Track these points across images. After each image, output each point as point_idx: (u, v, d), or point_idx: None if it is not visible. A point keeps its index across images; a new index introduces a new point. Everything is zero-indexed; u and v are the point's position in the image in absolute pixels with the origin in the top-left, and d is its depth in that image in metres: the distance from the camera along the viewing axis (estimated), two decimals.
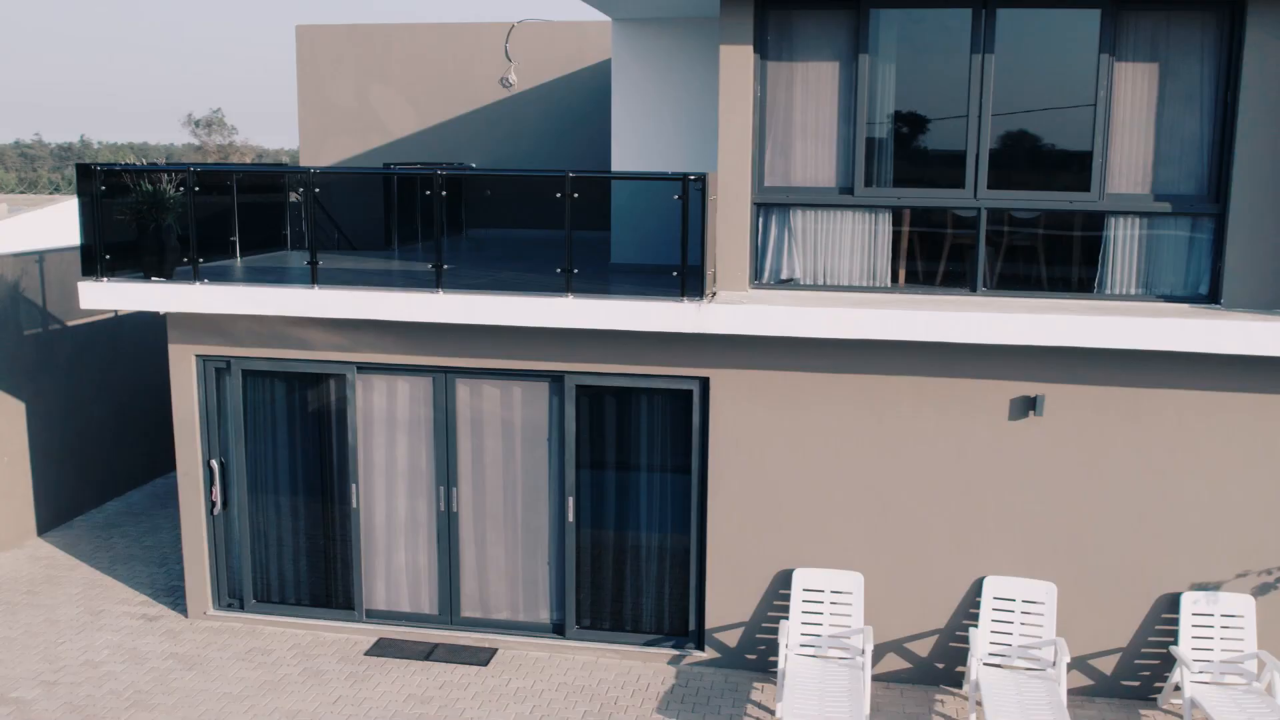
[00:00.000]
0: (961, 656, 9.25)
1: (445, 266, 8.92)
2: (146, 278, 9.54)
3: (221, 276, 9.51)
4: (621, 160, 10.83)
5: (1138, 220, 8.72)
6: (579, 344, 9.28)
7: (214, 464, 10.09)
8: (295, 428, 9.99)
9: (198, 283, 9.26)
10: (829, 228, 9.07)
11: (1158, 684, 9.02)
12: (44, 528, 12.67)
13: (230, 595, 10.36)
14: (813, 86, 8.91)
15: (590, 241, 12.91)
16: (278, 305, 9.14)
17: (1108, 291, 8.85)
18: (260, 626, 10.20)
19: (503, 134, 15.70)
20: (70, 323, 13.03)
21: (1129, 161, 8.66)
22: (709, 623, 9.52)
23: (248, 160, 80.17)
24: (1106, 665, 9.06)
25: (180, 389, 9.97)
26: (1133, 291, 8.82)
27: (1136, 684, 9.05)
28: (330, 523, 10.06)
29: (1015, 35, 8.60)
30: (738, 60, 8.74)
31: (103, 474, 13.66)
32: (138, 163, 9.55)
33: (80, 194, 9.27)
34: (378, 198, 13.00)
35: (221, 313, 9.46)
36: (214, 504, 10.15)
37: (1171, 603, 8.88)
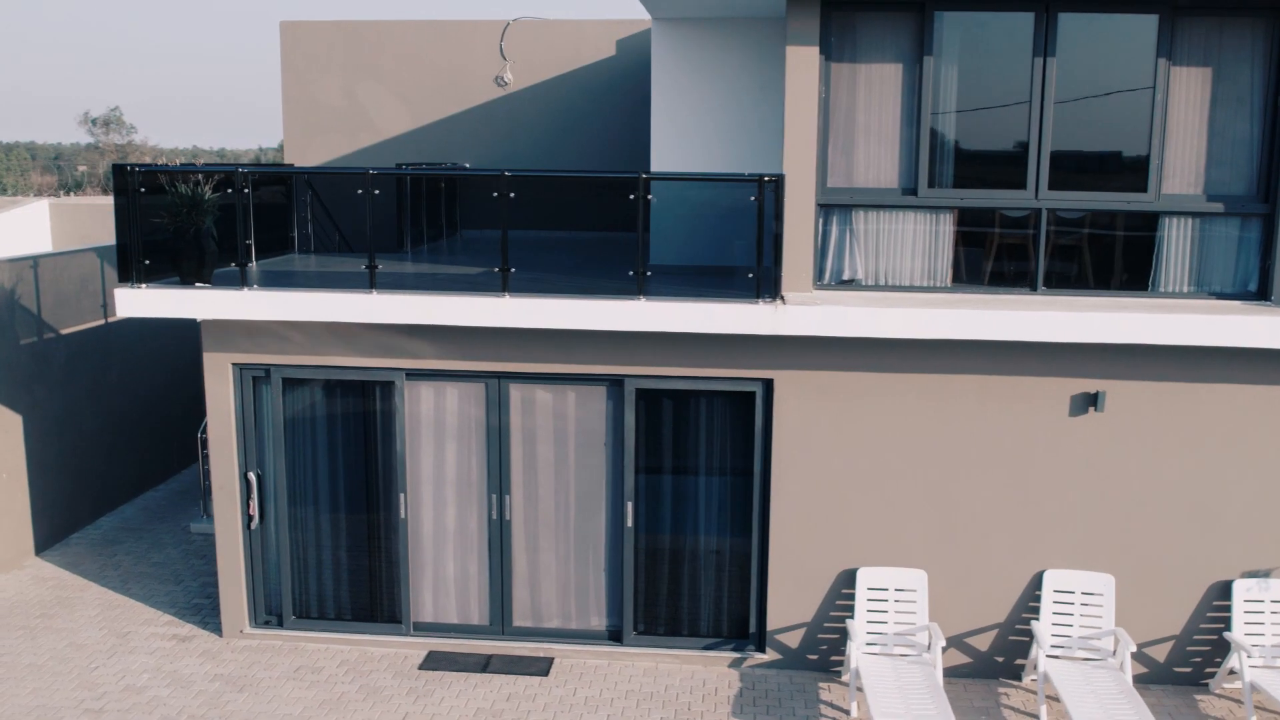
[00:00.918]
0: (1021, 650, 9.40)
1: (512, 270, 8.72)
2: (184, 283, 9.14)
3: (258, 282, 9.15)
4: (662, 160, 10.74)
5: (1190, 220, 8.96)
6: (639, 347, 9.17)
7: (251, 476, 9.72)
8: (339, 437, 9.67)
9: (246, 288, 8.90)
10: (891, 228, 9.12)
11: (1209, 669, 9.29)
12: (41, 547, 12.06)
13: (267, 612, 9.99)
14: (875, 87, 8.95)
15: (616, 242, 12.80)
16: (334, 311, 8.84)
17: (1161, 289, 9.08)
18: (302, 644, 9.86)
19: (498, 134, 15.45)
20: (64, 330, 12.42)
21: (1182, 163, 8.90)
22: (770, 624, 9.50)
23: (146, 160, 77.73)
24: (1160, 653, 9.30)
25: (216, 399, 9.57)
26: (1185, 290, 9.07)
27: (1189, 670, 9.31)
28: (376, 534, 9.78)
29: (1074, 39, 8.76)
30: (804, 62, 8.73)
31: (97, 488, 13.06)
32: (168, 164, 9.13)
33: (116, 196, 8.83)
34: (388, 198, 12.68)
35: (271, 319, 9.10)
36: (251, 518, 9.77)
37: (1223, 590, 9.15)
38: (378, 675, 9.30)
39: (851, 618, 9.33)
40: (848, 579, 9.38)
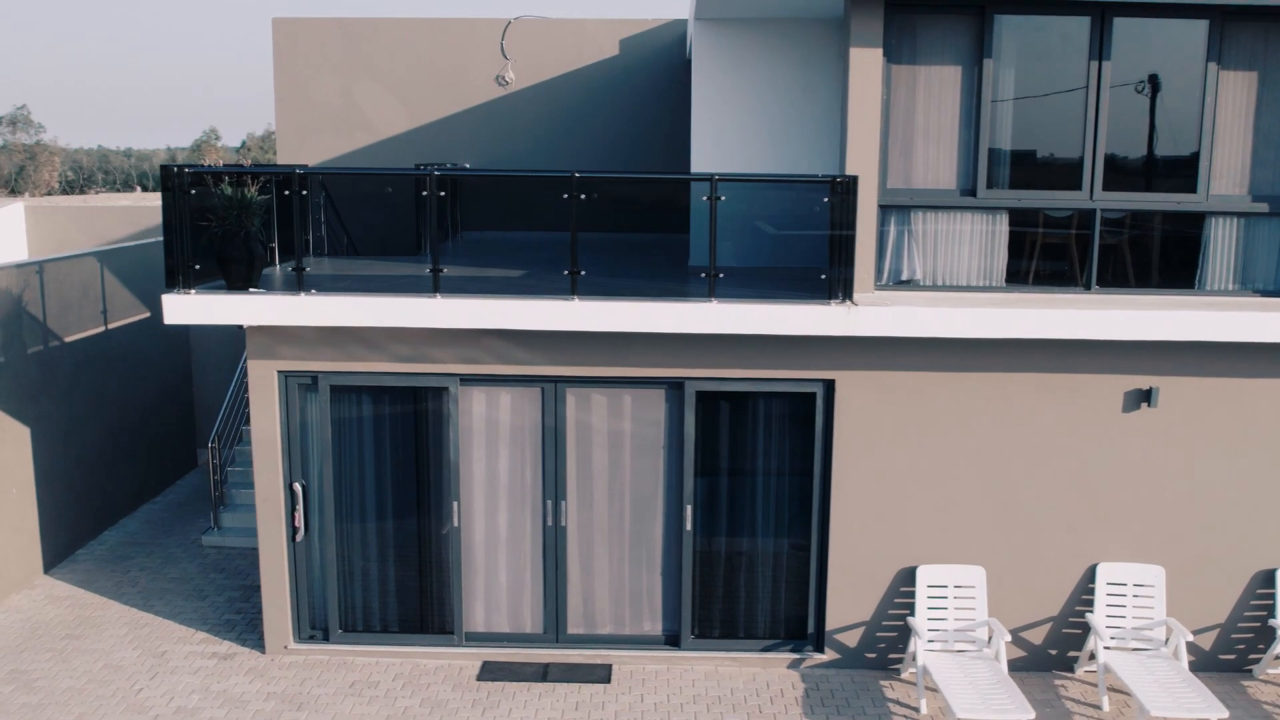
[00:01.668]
0: (1073, 642, 9.56)
1: (581, 272, 8.60)
2: (230, 288, 8.82)
3: (303, 287, 8.87)
4: (702, 160, 10.69)
5: (1235, 220, 9.21)
6: (699, 349, 9.11)
7: (297, 487, 9.43)
8: (389, 444, 9.44)
9: (303, 293, 8.63)
10: (949, 229, 9.21)
11: (1253, 656, 9.56)
12: (50, 564, 11.55)
13: (312, 626, 9.71)
14: (934, 89, 9.02)
15: (641, 244, 12.70)
16: (396, 315, 8.61)
17: (1207, 287, 9.31)
18: (351, 658, 9.60)
19: (498, 134, 15.22)
20: (68, 338, 11.91)
21: (1228, 165, 9.14)
22: (829, 624, 9.52)
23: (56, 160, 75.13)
24: (1205, 641, 9.54)
25: (261, 407, 9.26)
26: (1230, 287, 9.32)
27: (1232, 657, 9.57)
28: (427, 543, 9.56)
29: (1127, 43, 8.93)
30: (867, 64, 8.77)
31: (99, 502, 12.57)
32: (212, 164, 8.80)
33: (164, 198, 8.49)
34: (403, 199, 12.42)
35: (328, 325, 8.83)
36: (296, 529, 9.48)
37: (1267, 579, 9.42)
38: (436, 688, 9.10)
39: (911, 615, 9.40)
40: (906, 577, 9.44)
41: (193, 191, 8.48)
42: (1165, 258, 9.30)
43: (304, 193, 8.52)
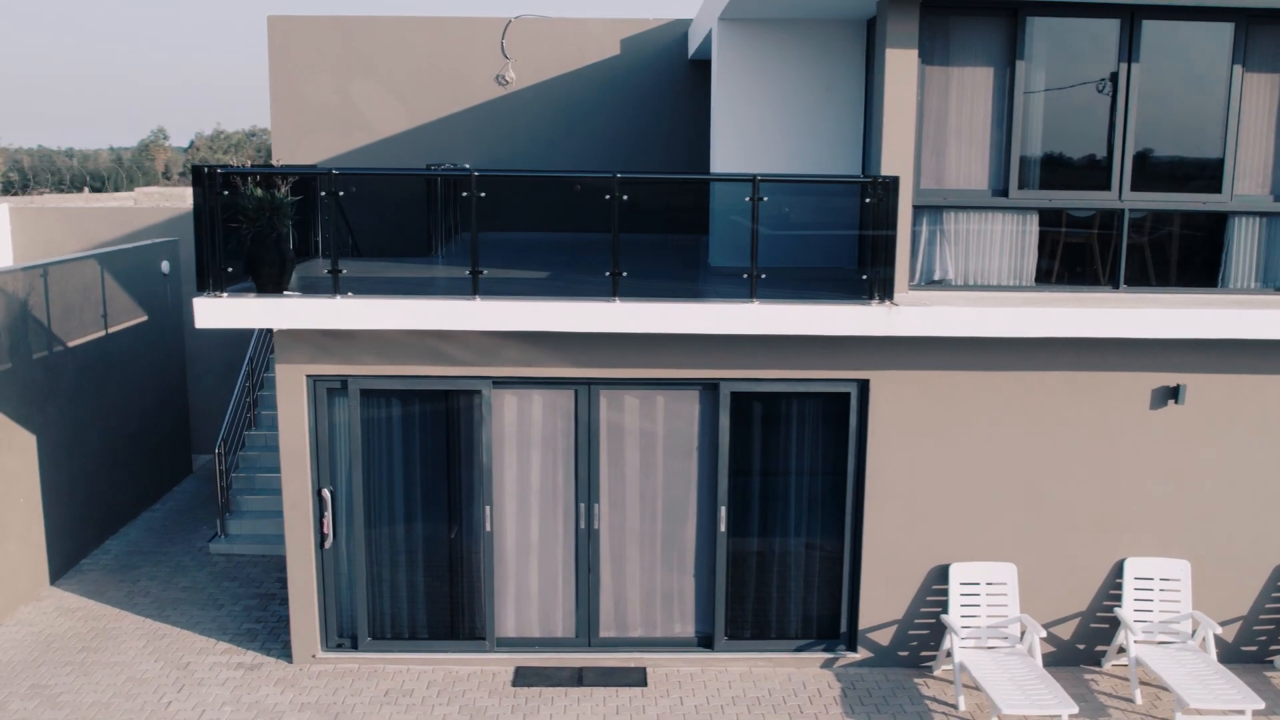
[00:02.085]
0: (1101, 637, 9.68)
1: (623, 274, 8.54)
2: (260, 291, 8.65)
3: (320, 289, 8.71)
4: (725, 161, 10.67)
5: (1258, 220, 9.38)
6: (734, 350, 9.10)
7: (325, 493, 9.27)
8: (420, 449, 9.31)
9: (339, 296, 8.48)
10: (981, 229, 9.27)
11: (1274, 647, 9.74)
12: (55, 575, 11.26)
13: (339, 635, 9.55)
14: (967, 90, 9.08)
15: (650, 245, 12.66)
16: (436, 318, 8.50)
17: (1230, 286, 9.47)
18: (381, 666, 9.46)
19: (499, 133, 15.11)
20: (72, 343, 11.62)
21: (1251, 165, 9.30)
22: (862, 623, 9.55)
23: None
24: (1228, 633, 9.70)
25: (289, 412, 9.10)
26: (1251, 285, 9.48)
27: (1254, 648, 9.74)
28: (458, 549, 9.45)
29: (1155, 45, 9.05)
30: (902, 65, 8.80)
31: (102, 510, 12.28)
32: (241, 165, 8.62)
33: (195, 199, 8.30)
34: (413, 200, 12.27)
35: (366, 328, 8.68)
36: (325, 537, 9.33)
37: None
38: (473, 695, 9.00)
39: (944, 613, 9.46)
40: (938, 575, 9.50)
41: (225, 192, 8.31)
42: (1189, 257, 9.44)
43: (341, 194, 8.37)
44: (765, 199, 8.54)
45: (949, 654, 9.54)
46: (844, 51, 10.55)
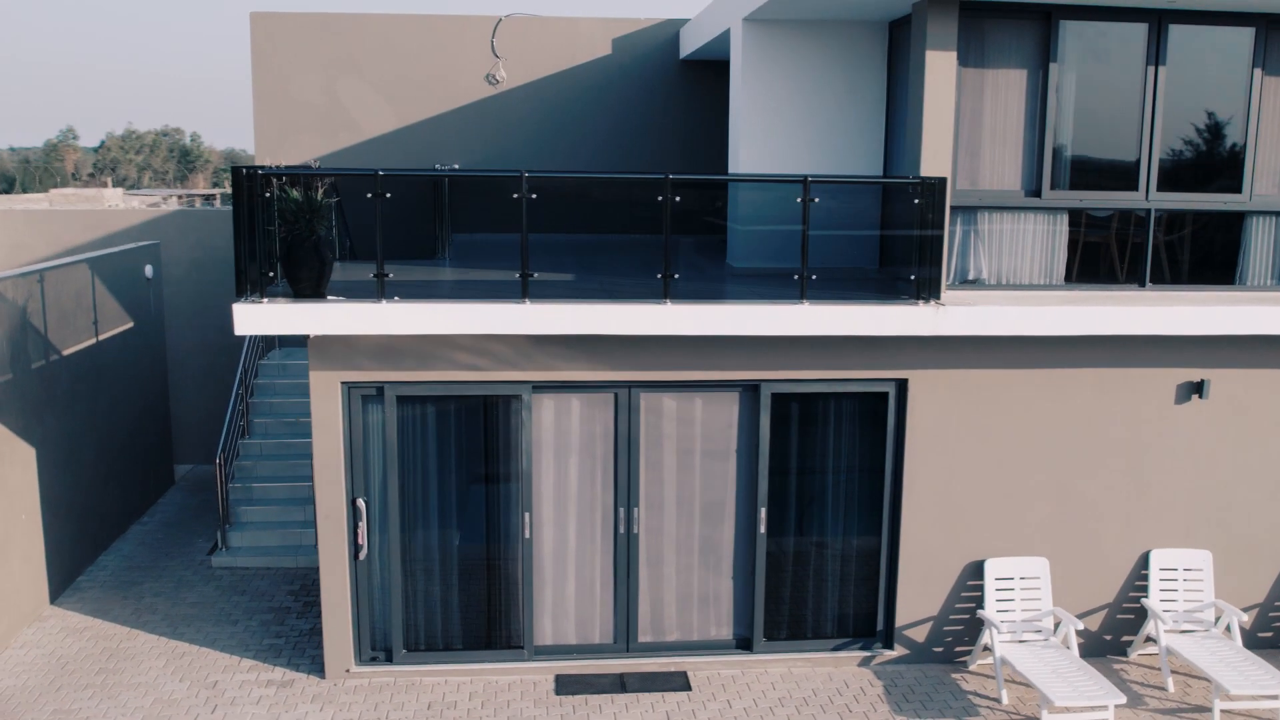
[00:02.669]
0: (1126, 627, 9.89)
1: (668, 276, 8.46)
2: (297, 295, 8.39)
3: (356, 294, 8.47)
4: (749, 161, 10.65)
5: (1274, 219, 9.67)
6: (774, 351, 9.09)
7: (360, 502, 9.03)
8: (456, 456, 9.13)
9: (384, 300, 8.26)
10: (1013, 229, 9.40)
11: None
12: (54, 593, 10.79)
13: (373, 648, 9.31)
14: (1001, 92, 9.20)
15: (655, 245, 12.60)
16: (486, 323, 8.33)
17: (1248, 283, 9.75)
18: (418, 679, 9.25)
19: (489, 133, 14.88)
20: (66, 351, 11.15)
21: (1269, 166, 9.58)
22: (899, 620, 9.62)
23: None
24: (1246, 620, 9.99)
25: (323, 420, 8.84)
26: (1268, 283, 9.77)
27: (1270, 635, 10.05)
28: (495, 556, 9.28)
29: (1180, 49, 9.27)
30: (942, 67, 8.87)
31: (95, 525, 11.81)
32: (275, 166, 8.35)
33: (236, 201, 8.01)
34: (420, 202, 12.04)
35: (413, 334, 8.48)
36: (359, 547, 9.09)
37: None
38: (517, 705, 8.85)
39: (979, 608, 9.57)
40: (972, 571, 9.61)
41: (267, 194, 8.04)
42: (1209, 255, 9.70)
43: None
44: (807, 199, 8.53)
45: (986, 649, 9.67)
46: (865, 53, 10.61)
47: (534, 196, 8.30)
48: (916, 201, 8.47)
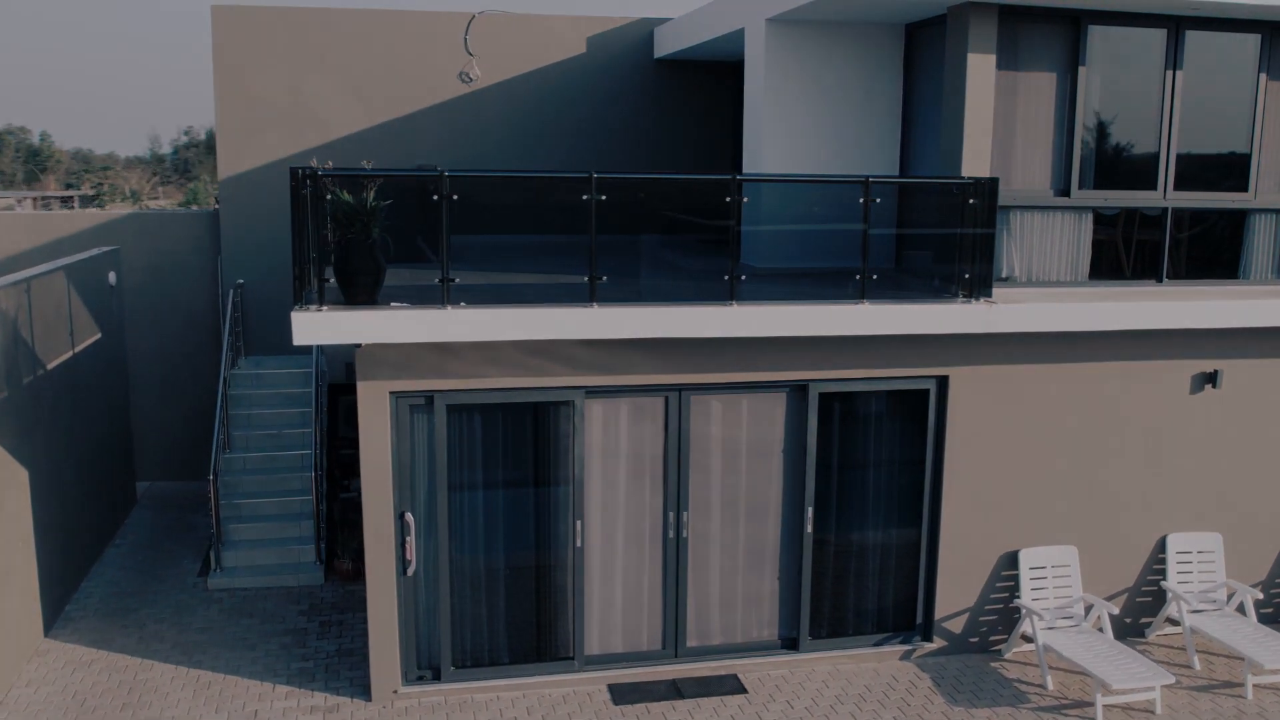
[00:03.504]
0: (1144, 610, 10.29)
1: (734, 278, 8.40)
2: (350, 302, 8.01)
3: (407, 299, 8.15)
4: (773, 161, 10.66)
5: (1275, 216, 10.20)
6: (820, 350, 9.13)
7: (408, 517, 8.70)
8: (505, 465, 8.87)
9: (449, 306, 7.96)
10: (1042, 227, 9.67)
11: None
12: (47, 624, 10.05)
13: (419, 666, 8.98)
14: (1032, 94, 9.45)
15: (651, 246, 12.49)
16: (552, 327, 8.11)
17: (1251, 278, 10.26)
18: (468, 696, 8.96)
19: (461, 133, 14.52)
20: (50, 365, 10.40)
21: (1271, 166, 10.10)
22: (937, 613, 9.79)
23: None
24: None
25: (371, 432, 8.48)
26: (1268, 277, 10.30)
27: (1270, 610, 10.60)
28: (546, 566, 9.06)
29: (1194, 54, 9.69)
30: (982, 69, 9.07)
31: (76, 550, 11.05)
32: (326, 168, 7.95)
33: (295, 204, 7.60)
34: (407, 205, 11.63)
35: (478, 340, 8.18)
36: (408, 563, 8.75)
37: None
38: (580, 718, 8.65)
39: (1013, 598, 9.81)
40: (1006, 561, 9.85)
41: (329, 197, 7.65)
42: (1216, 251, 10.17)
43: (455, 197, 7.86)
44: (869, 199, 8.60)
45: (1024, 637, 9.91)
46: (882, 54, 10.74)
47: (602, 197, 8.11)
48: (971, 201, 8.62)
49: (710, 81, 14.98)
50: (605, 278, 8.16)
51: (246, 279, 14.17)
